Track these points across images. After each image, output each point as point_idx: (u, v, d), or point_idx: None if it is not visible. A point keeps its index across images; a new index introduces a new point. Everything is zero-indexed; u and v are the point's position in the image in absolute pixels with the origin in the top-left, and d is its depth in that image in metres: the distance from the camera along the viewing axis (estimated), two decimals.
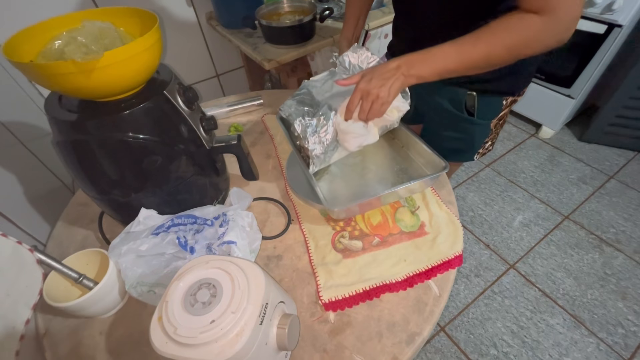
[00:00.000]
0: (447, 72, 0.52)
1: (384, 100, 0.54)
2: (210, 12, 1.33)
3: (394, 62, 0.54)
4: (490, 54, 0.49)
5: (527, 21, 0.46)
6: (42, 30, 0.45)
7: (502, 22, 0.48)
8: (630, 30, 1.45)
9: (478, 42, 0.49)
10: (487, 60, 0.50)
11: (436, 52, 0.52)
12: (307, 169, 0.63)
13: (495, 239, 1.47)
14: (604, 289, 1.28)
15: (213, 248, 0.52)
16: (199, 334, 0.35)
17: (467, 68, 0.51)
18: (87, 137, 0.46)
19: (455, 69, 0.52)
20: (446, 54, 0.51)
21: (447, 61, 0.51)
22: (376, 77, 0.54)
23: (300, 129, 0.61)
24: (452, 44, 0.51)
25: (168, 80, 0.52)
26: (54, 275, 0.50)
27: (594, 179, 1.67)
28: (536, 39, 0.47)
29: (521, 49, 0.49)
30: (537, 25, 0.46)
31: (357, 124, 0.59)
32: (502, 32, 0.48)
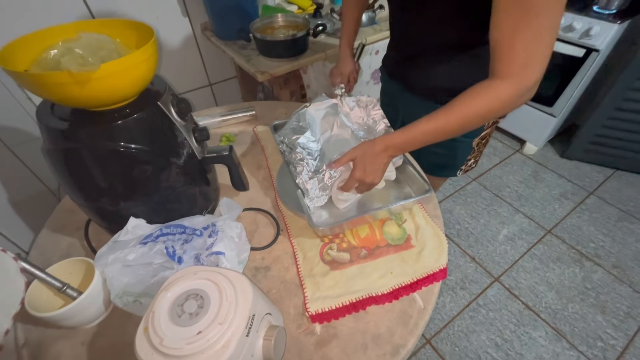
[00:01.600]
0: (427, 143, 0.58)
1: (379, 179, 0.61)
2: (205, 22, 1.35)
3: (380, 145, 0.59)
4: (464, 124, 0.54)
5: (495, 89, 0.50)
6: (37, 40, 0.46)
7: (472, 93, 0.52)
8: (606, 55, 1.54)
9: (451, 115, 0.54)
10: (462, 129, 0.55)
11: (416, 133, 0.57)
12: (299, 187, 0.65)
13: (480, 252, 1.50)
14: (584, 302, 1.31)
15: (201, 258, 0.52)
16: (185, 345, 0.35)
17: (446, 137, 0.57)
18: (79, 145, 0.46)
19: (434, 141, 0.58)
20: (424, 132, 0.56)
21: (426, 138, 0.57)
22: (369, 165, 0.59)
23: (302, 185, 0.64)
24: (429, 120, 0.55)
25: (162, 91, 0.52)
26: (36, 284, 0.49)
27: (575, 195, 1.73)
28: (504, 104, 0.51)
29: (492, 114, 0.52)
30: (504, 91, 0.50)
31: (350, 194, 0.66)
32: (472, 103, 0.52)
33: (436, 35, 0.67)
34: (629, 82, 1.50)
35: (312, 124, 0.71)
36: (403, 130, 0.58)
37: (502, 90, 0.50)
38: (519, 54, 0.47)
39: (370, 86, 1.51)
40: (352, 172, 0.61)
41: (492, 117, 0.54)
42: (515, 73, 0.48)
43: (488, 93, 0.51)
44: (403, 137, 0.58)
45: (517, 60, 0.48)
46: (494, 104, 0.51)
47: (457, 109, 0.53)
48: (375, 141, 0.59)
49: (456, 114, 0.53)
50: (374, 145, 0.59)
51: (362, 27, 1.33)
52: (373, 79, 1.49)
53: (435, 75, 0.73)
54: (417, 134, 0.57)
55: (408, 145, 0.58)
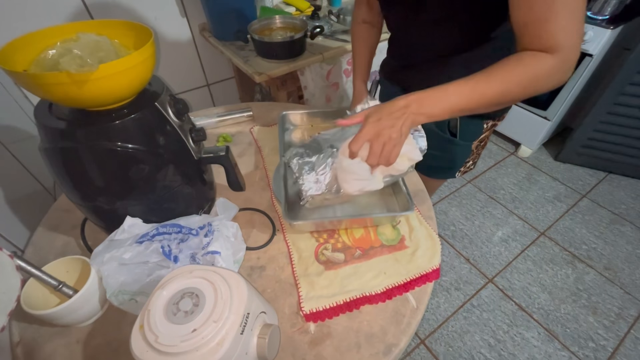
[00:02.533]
0: (459, 110, 0.50)
1: (396, 141, 0.49)
2: (203, 23, 1.36)
3: (402, 100, 0.50)
4: (505, 90, 0.48)
5: (540, 59, 0.47)
6: (35, 40, 0.46)
7: (515, 59, 0.48)
8: (600, 59, 1.56)
9: (492, 78, 0.48)
10: (502, 97, 0.49)
11: (449, 89, 0.49)
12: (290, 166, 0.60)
13: (475, 253, 1.51)
14: (576, 303, 1.33)
15: (197, 258, 0.53)
16: (180, 342, 0.35)
17: (480, 106, 0.49)
18: (76, 145, 0.46)
19: (467, 107, 0.50)
20: (460, 92, 0.49)
21: (460, 99, 0.49)
22: (385, 116, 0.49)
23: (297, 167, 0.56)
24: (466, 81, 0.49)
25: (160, 92, 0.53)
26: (32, 282, 0.50)
27: (568, 198, 1.75)
28: (548, 76, 0.47)
29: (534, 85, 0.48)
30: (549, 62, 0.46)
31: (361, 164, 0.53)
32: (516, 69, 0.48)
33: (432, 39, 0.68)
34: (621, 86, 1.53)
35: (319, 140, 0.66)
36: (434, 88, 0.50)
37: (549, 61, 0.46)
38: (561, 33, 0.45)
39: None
40: (364, 123, 0.50)
41: (534, 90, 0.48)
42: (560, 47, 0.46)
43: (535, 62, 0.47)
44: (431, 91, 0.50)
45: (560, 38, 0.45)
46: (541, 74, 0.47)
47: (499, 73, 0.48)
48: (396, 98, 0.51)
49: (498, 78, 0.48)
50: (394, 100, 0.50)
51: None
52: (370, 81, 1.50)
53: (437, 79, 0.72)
54: (450, 93, 0.49)
55: (435, 104, 0.49)
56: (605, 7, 1.46)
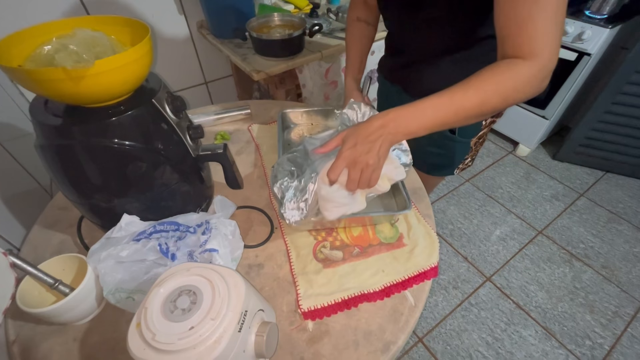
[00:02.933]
0: (438, 125, 0.49)
1: (375, 166, 0.49)
2: (201, 20, 1.35)
3: (379, 120, 0.49)
4: (483, 101, 0.47)
5: (517, 66, 0.46)
6: (31, 35, 0.46)
7: (492, 68, 0.48)
8: (598, 59, 1.56)
9: (469, 90, 0.47)
10: (480, 108, 0.48)
11: (426, 104, 0.48)
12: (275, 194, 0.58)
13: (473, 251, 1.51)
14: (574, 302, 1.34)
15: (195, 255, 0.53)
16: (177, 340, 0.35)
17: (459, 118, 0.49)
18: (72, 142, 0.46)
19: (446, 121, 0.49)
20: (436, 106, 0.48)
21: (437, 113, 0.48)
22: (361, 140, 0.48)
23: (279, 194, 0.56)
24: (443, 93, 0.48)
25: (157, 88, 0.52)
26: (28, 280, 0.49)
27: (566, 197, 1.76)
28: (526, 84, 0.47)
29: (512, 94, 0.47)
30: (526, 70, 0.46)
31: (340, 191, 0.52)
32: (492, 78, 0.47)
33: (432, 37, 0.68)
34: (619, 85, 1.53)
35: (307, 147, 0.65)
36: (411, 103, 0.49)
37: (526, 68, 0.46)
38: (539, 37, 0.45)
39: None
40: (341, 149, 0.49)
41: (513, 99, 0.48)
42: (537, 53, 0.45)
43: (511, 69, 0.46)
44: (409, 108, 0.48)
45: (538, 42, 0.45)
46: (518, 82, 0.46)
47: (476, 84, 0.47)
48: (372, 117, 0.50)
49: (476, 89, 0.47)
50: (371, 120, 0.49)
51: None
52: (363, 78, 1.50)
53: (435, 78, 0.73)
54: (426, 108, 0.48)
55: (413, 121, 0.48)
56: (604, 6, 1.46)
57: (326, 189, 0.51)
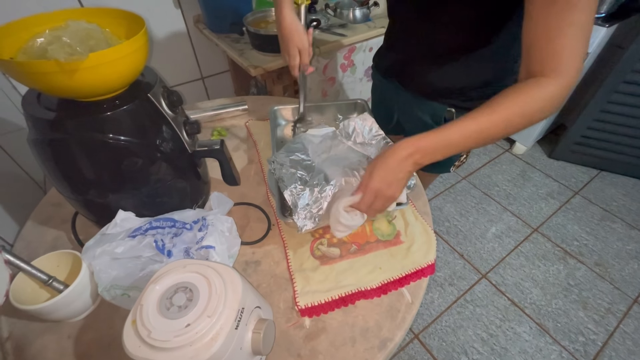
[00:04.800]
0: (462, 151, 0.50)
1: (394, 199, 0.51)
2: (198, 15, 1.33)
3: (404, 151, 0.48)
4: (508, 125, 0.47)
5: (542, 87, 0.46)
6: (23, 27, 0.45)
7: (518, 90, 0.47)
8: (594, 57, 1.57)
9: (494, 114, 0.47)
10: (505, 131, 0.48)
11: (452, 134, 0.48)
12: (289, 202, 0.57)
13: (469, 249, 1.52)
14: (567, 298, 1.35)
15: (191, 252, 0.52)
16: (173, 337, 0.35)
17: (483, 143, 0.49)
18: (66, 136, 0.45)
19: (470, 148, 0.50)
20: (464, 136, 0.48)
21: (465, 143, 0.48)
22: (390, 173, 0.49)
23: (291, 200, 0.56)
24: (468, 121, 0.47)
25: (153, 83, 0.52)
26: (21, 276, 0.48)
27: (561, 195, 1.77)
28: (551, 104, 0.46)
29: (537, 115, 0.47)
30: (551, 90, 0.46)
31: (356, 217, 0.53)
32: (519, 101, 0.47)
33: (448, 38, 0.66)
34: (615, 84, 1.54)
35: (307, 145, 0.65)
36: (434, 131, 0.49)
37: (551, 88, 0.45)
38: (565, 52, 0.44)
39: (363, 83, 1.51)
40: (367, 183, 0.50)
41: (537, 119, 0.48)
42: (563, 71, 0.45)
43: (537, 91, 0.46)
44: (435, 139, 0.48)
45: (563, 58, 0.44)
46: (544, 103, 0.46)
47: (501, 108, 0.47)
48: (398, 145, 0.49)
49: (500, 113, 0.47)
50: (397, 150, 0.49)
51: (355, 24, 1.33)
52: (366, 76, 1.49)
53: (442, 76, 0.71)
54: (454, 137, 0.48)
55: (440, 151, 0.49)
56: (601, 5, 1.46)
57: (345, 217, 0.52)
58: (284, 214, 0.62)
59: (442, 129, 0.48)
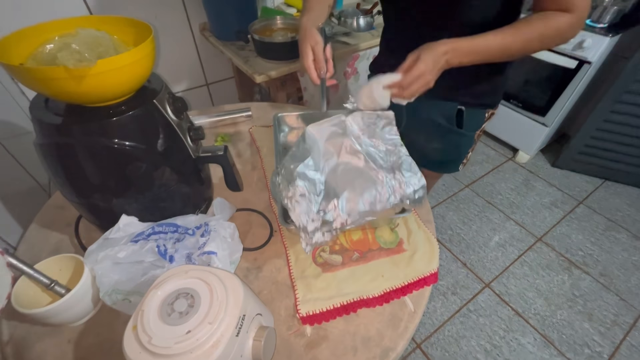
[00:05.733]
0: (483, 61, 0.57)
1: (430, 86, 0.58)
2: (204, 22, 1.35)
3: (444, 46, 0.55)
4: (526, 45, 0.55)
5: (560, 18, 0.54)
6: (34, 34, 0.46)
7: (539, 19, 0.54)
8: (598, 67, 1.57)
9: (518, 35, 0.55)
10: (522, 51, 0.56)
11: (480, 45, 0.56)
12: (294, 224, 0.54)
13: (472, 257, 1.51)
14: (572, 309, 1.33)
15: (193, 258, 0.52)
16: (174, 344, 0.35)
17: (501, 59, 0.57)
18: (72, 141, 0.45)
19: (491, 60, 0.57)
20: (490, 48, 0.56)
21: (489, 53, 0.56)
22: (433, 63, 0.55)
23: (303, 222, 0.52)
24: (496, 36, 0.55)
25: (158, 89, 0.52)
26: (24, 280, 0.49)
27: (565, 204, 1.75)
28: (566, 32, 0.54)
29: (552, 42, 0.56)
30: (567, 21, 0.54)
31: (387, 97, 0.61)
32: (539, 27, 0.54)
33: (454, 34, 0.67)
34: (618, 94, 1.54)
35: (313, 147, 0.59)
36: (466, 38, 0.56)
37: (566, 19, 0.53)
38: None
39: None
40: (413, 65, 0.56)
41: (552, 45, 0.57)
42: (577, 6, 0.52)
43: (555, 21, 0.54)
44: (468, 44, 0.56)
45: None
46: (560, 31, 0.54)
47: (523, 29, 0.55)
48: (437, 42, 0.56)
49: (522, 33, 0.55)
50: (438, 45, 0.56)
51: (359, 32, 1.35)
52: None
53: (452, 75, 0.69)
54: (482, 46, 0.56)
55: (468, 55, 0.56)
56: (604, 15, 1.47)
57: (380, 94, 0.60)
58: (286, 220, 0.62)
59: (472, 38, 0.55)
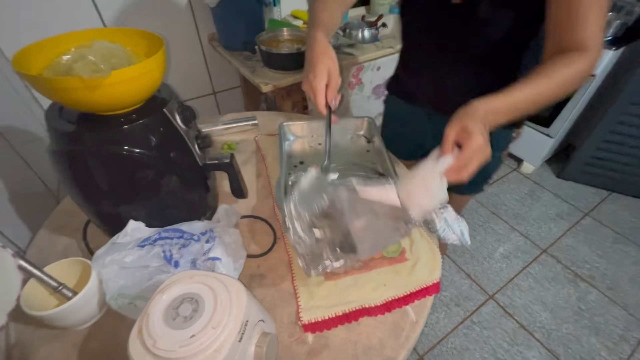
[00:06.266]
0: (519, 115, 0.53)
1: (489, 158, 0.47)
2: (212, 33, 1.39)
3: (481, 108, 0.48)
4: (559, 90, 0.53)
5: (577, 61, 0.51)
6: (51, 45, 0.48)
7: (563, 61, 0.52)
8: (602, 79, 1.58)
9: (551, 80, 0.52)
10: (555, 96, 0.53)
11: (519, 100, 0.51)
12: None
13: (476, 268, 1.50)
14: (579, 323, 1.31)
15: (198, 263, 0.53)
16: (178, 347, 0.35)
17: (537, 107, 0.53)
18: (84, 148, 0.47)
19: (526, 112, 0.53)
20: (528, 101, 0.51)
21: (527, 108, 0.52)
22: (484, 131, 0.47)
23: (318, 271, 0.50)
24: (527, 86, 0.51)
25: (168, 98, 0.54)
26: (31, 283, 0.50)
27: (571, 215, 1.74)
28: (584, 77, 0.52)
29: (571, 87, 0.53)
30: (584, 63, 0.51)
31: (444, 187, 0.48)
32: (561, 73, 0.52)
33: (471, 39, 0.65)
34: (623, 106, 1.54)
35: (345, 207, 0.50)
36: (503, 95, 0.50)
37: (584, 61, 0.51)
38: (594, 29, 0.50)
39: (371, 101, 1.54)
40: (470, 138, 0.45)
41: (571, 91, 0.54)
42: (592, 46, 0.51)
43: (574, 64, 0.51)
44: (505, 101, 0.50)
45: (591, 34, 0.51)
46: (579, 76, 0.52)
47: (554, 75, 0.52)
48: (472, 105, 0.49)
49: (554, 80, 0.52)
50: (477, 108, 0.48)
51: (364, 44, 1.37)
52: (374, 94, 1.52)
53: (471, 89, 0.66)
54: (520, 100, 0.51)
55: (506, 113, 0.51)
56: (608, 28, 1.48)
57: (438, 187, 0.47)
58: None
59: (508, 93, 0.51)
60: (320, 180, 0.53)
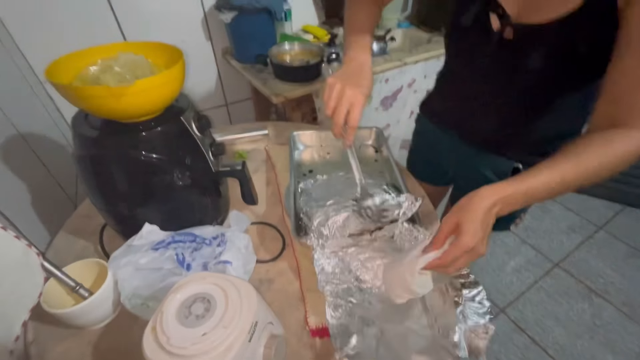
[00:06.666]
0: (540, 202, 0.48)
1: (483, 255, 0.45)
2: (226, 47, 1.44)
3: (488, 200, 0.43)
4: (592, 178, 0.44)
5: (633, 139, 0.44)
6: (79, 58, 0.51)
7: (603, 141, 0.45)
8: None
9: (581, 165, 0.44)
10: (586, 185, 0.45)
11: (539, 187, 0.44)
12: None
13: (485, 281, 1.47)
14: (593, 340, 1.27)
15: (209, 267, 0.55)
16: (190, 345, 0.37)
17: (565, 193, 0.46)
18: (107, 152, 0.50)
19: (550, 198, 0.47)
20: (549, 189, 0.44)
21: (548, 195, 0.45)
22: (481, 229, 0.43)
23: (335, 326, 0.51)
24: (552, 170, 0.44)
25: (185, 107, 0.57)
26: (51, 282, 0.52)
27: (583, 229, 1.71)
28: (634, 156, 0.44)
29: (619, 168, 0.45)
30: (634, 141, 0.44)
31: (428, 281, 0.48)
32: (605, 154, 0.44)
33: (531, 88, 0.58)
34: None
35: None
36: (516, 180, 0.44)
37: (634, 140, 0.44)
38: None
39: (379, 112, 1.56)
40: (459, 237, 0.43)
41: (619, 171, 0.45)
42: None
43: (627, 143, 0.44)
44: (519, 188, 0.43)
45: None
46: (632, 156, 0.44)
47: (589, 159, 0.44)
48: (478, 194, 0.44)
49: (588, 164, 0.44)
50: (481, 199, 0.43)
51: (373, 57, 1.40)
52: (382, 105, 1.54)
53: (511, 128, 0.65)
54: (538, 187, 0.44)
55: (521, 201, 0.44)
56: None
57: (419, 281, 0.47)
58: (299, 234, 0.64)
59: (524, 178, 0.44)
60: None
